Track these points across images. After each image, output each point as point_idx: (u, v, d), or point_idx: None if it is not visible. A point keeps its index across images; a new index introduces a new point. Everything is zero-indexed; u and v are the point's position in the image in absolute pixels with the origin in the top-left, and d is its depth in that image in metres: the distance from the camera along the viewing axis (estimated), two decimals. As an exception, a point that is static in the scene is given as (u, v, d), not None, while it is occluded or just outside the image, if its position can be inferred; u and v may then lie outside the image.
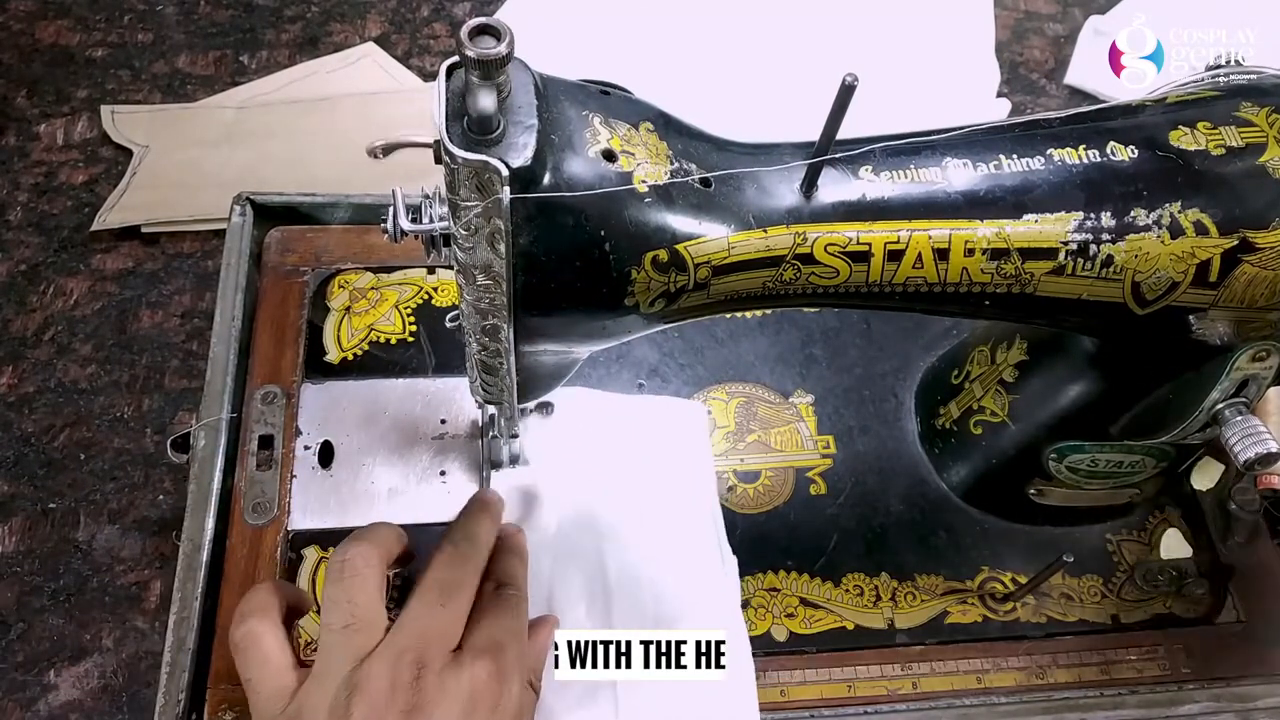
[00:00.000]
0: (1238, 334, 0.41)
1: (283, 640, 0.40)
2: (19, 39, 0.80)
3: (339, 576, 0.39)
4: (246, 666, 0.39)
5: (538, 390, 0.46)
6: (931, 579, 0.53)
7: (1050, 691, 0.51)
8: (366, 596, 0.39)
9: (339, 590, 0.39)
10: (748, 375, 0.60)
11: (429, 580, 0.40)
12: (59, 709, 0.54)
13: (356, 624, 0.38)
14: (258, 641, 0.39)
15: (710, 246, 0.36)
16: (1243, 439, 0.42)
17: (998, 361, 0.53)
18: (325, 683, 0.37)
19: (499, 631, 0.40)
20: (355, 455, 0.54)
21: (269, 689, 0.38)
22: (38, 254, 0.69)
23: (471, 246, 0.33)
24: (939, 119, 0.39)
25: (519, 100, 0.32)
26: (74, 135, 0.75)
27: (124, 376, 0.65)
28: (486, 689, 0.37)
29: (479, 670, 0.37)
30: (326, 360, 0.56)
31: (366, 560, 0.40)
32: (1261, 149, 0.38)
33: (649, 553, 0.52)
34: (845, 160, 0.37)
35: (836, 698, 0.50)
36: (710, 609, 0.50)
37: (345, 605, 0.38)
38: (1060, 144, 0.38)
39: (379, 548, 0.41)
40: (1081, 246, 0.38)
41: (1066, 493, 0.53)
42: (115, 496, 0.60)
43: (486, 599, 0.42)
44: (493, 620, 0.40)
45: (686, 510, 0.54)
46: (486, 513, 0.46)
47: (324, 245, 0.60)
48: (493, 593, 0.42)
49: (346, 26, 0.85)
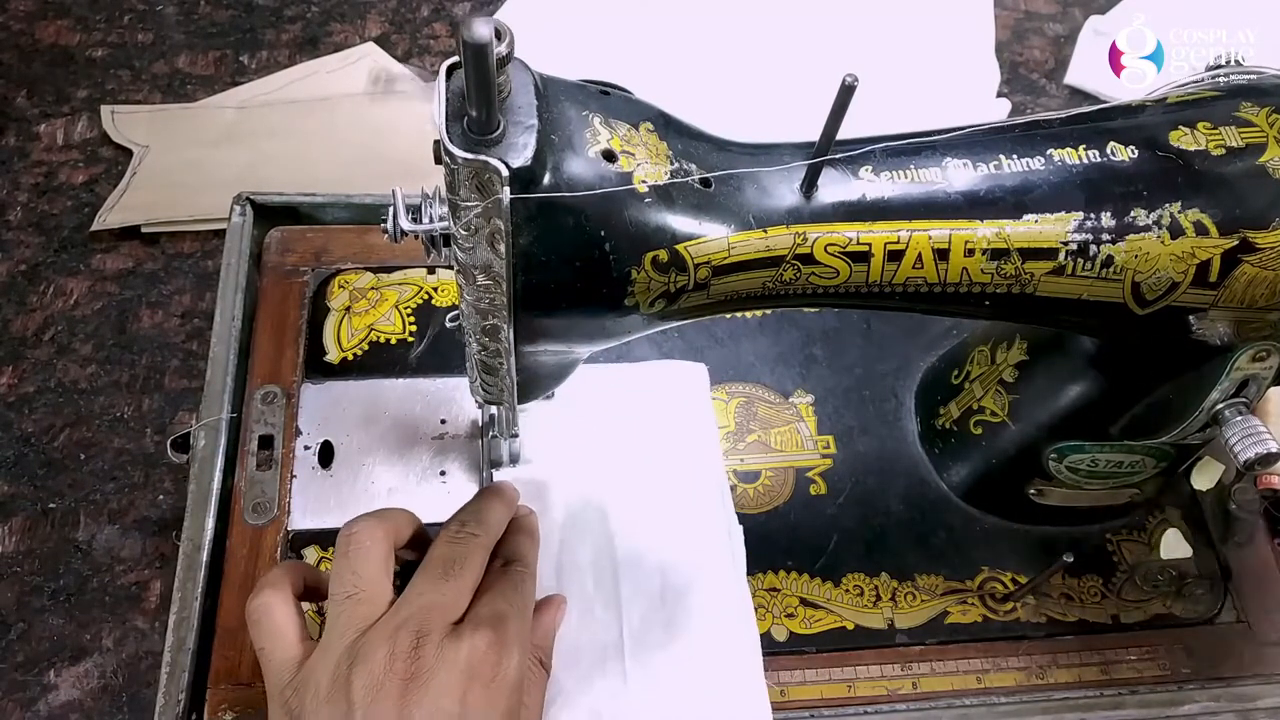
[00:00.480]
0: (1238, 334, 0.41)
1: (294, 613, 0.40)
2: (19, 39, 0.80)
3: (345, 550, 0.40)
4: (259, 637, 0.40)
5: (538, 390, 0.46)
6: (931, 579, 0.53)
7: (1050, 691, 0.51)
8: (370, 569, 0.39)
9: (344, 563, 0.40)
10: (748, 375, 0.60)
11: (434, 555, 0.41)
12: (59, 709, 0.54)
13: (360, 595, 0.38)
14: (270, 613, 0.40)
15: (710, 247, 0.36)
16: (1243, 439, 0.42)
17: (998, 361, 0.53)
18: (329, 653, 0.37)
19: (501, 604, 0.40)
20: (355, 455, 0.54)
21: (279, 659, 0.39)
22: (38, 254, 0.69)
23: (471, 246, 0.33)
24: (939, 119, 0.39)
25: (519, 100, 0.32)
26: (74, 135, 0.75)
27: (124, 376, 0.65)
28: (485, 659, 0.37)
29: (478, 640, 0.38)
30: (326, 360, 0.56)
31: (372, 534, 0.40)
32: (1261, 149, 0.38)
33: (655, 524, 0.52)
34: (845, 160, 0.37)
35: (836, 698, 0.50)
36: (717, 579, 0.50)
37: (349, 576, 0.39)
38: (1060, 144, 0.38)
39: (386, 523, 0.42)
40: (1081, 247, 0.38)
41: (1066, 493, 0.53)
42: (115, 496, 0.60)
43: (493, 575, 0.42)
44: (496, 594, 0.41)
45: (692, 479, 0.54)
46: (500, 498, 0.46)
47: (324, 245, 0.60)
48: (500, 569, 0.43)
49: (346, 26, 0.85)
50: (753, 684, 0.48)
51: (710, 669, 0.48)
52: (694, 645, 0.49)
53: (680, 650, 0.48)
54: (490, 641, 0.38)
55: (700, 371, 0.58)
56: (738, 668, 0.48)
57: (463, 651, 0.37)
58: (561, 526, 0.52)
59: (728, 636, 0.49)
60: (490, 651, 0.38)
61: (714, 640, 0.49)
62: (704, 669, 0.48)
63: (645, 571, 0.50)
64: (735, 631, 0.49)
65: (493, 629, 0.38)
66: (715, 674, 0.48)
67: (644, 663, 0.48)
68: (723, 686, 0.48)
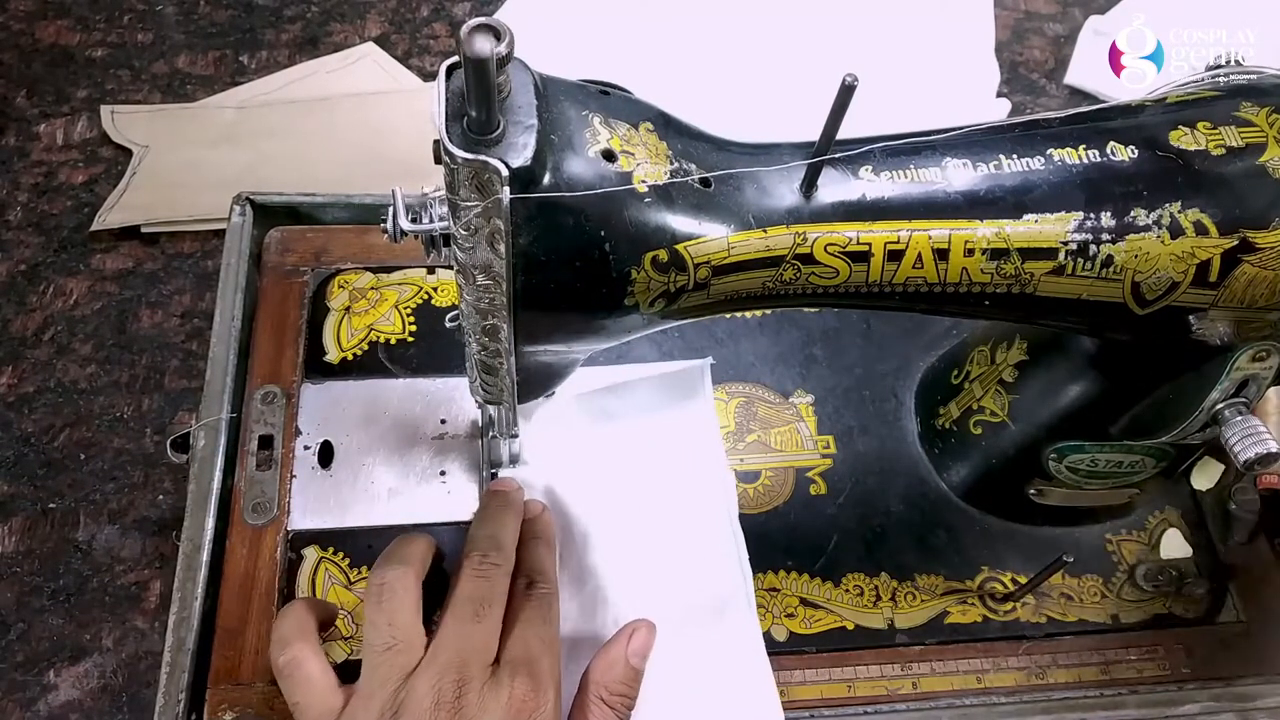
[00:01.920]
0: (1238, 334, 0.41)
1: (325, 663, 0.42)
2: (19, 39, 0.80)
3: (378, 599, 0.41)
4: (293, 691, 0.41)
5: (537, 390, 0.46)
6: (931, 579, 0.53)
7: (1050, 691, 0.51)
8: (405, 617, 0.41)
9: (379, 613, 0.41)
10: (747, 375, 0.60)
11: (463, 595, 0.42)
12: (59, 709, 0.54)
13: (398, 644, 0.40)
14: (301, 665, 0.41)
15: (710, 246, 0.36)
16: (1243, 439, 0.42)
17: (997, 361, 0.53)
18: (371, 702, 0.38)
19: (534, 642, 0.41)
20: (355, 455, 0.54)
21: (316, 711, 0.40)
22: (37, 254, 0.69)
23: (471, 247, 0.33)
24: (939, 119, 0.39)
25: (519, 100, 0.32)
26: (74, 135, 0.75)
27: (124, 376, 0.65)
28: (524, 704, 0.39)
29: (518, 686, 0.39)
30: (326, 360, 0.56)
31: (404, 582, 0.42)
32: (1261, 149, 0.38)
33: (659, 523, 0.52)
34: (845, 160, 0.37)
35: (836, 698, 0.50)
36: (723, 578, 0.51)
37: (386, 628, 0.40)
38: (1060, 144, 0.38)
39: (414, 566, 0.43)
40: (1081, 246, 0.38)
41: (1066, 493, 0.53)
42: (115, 496, 0.60)
43: (519, 601, 0.43)
44: (527, 628, 0.42)
45: (696, 477, 0.54)
46: (508, 509, 0.47)
47: (324, 245, 0.60)
48: (524, 592, 0.44)
49: (346, 26, 0.85)
50: (762, 683, 0.48)
51: (719, 668, 0.48)
52: (702, 645, 0.49)
53: (687, 650, 0.48)
54: (529, 686, 0.39)
55: (704, 367, 0.57)
56: (747, 667, 0.48)
57: (503, 697, 0.39)
58: (563, 526, 0.52)
59: (736, 636, 0.49)
60: (529, 694, 0.39)
61: (722, 639, 0.49)
62: (713, 668, 0.48)
63: (649, 571, 0.50)
64: (742, 631, 0.49)
65: (529, 672, 0.40)
66: (725, 673, 0.48)
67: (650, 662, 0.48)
68: (732, 685, 0.48)
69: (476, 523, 0.47)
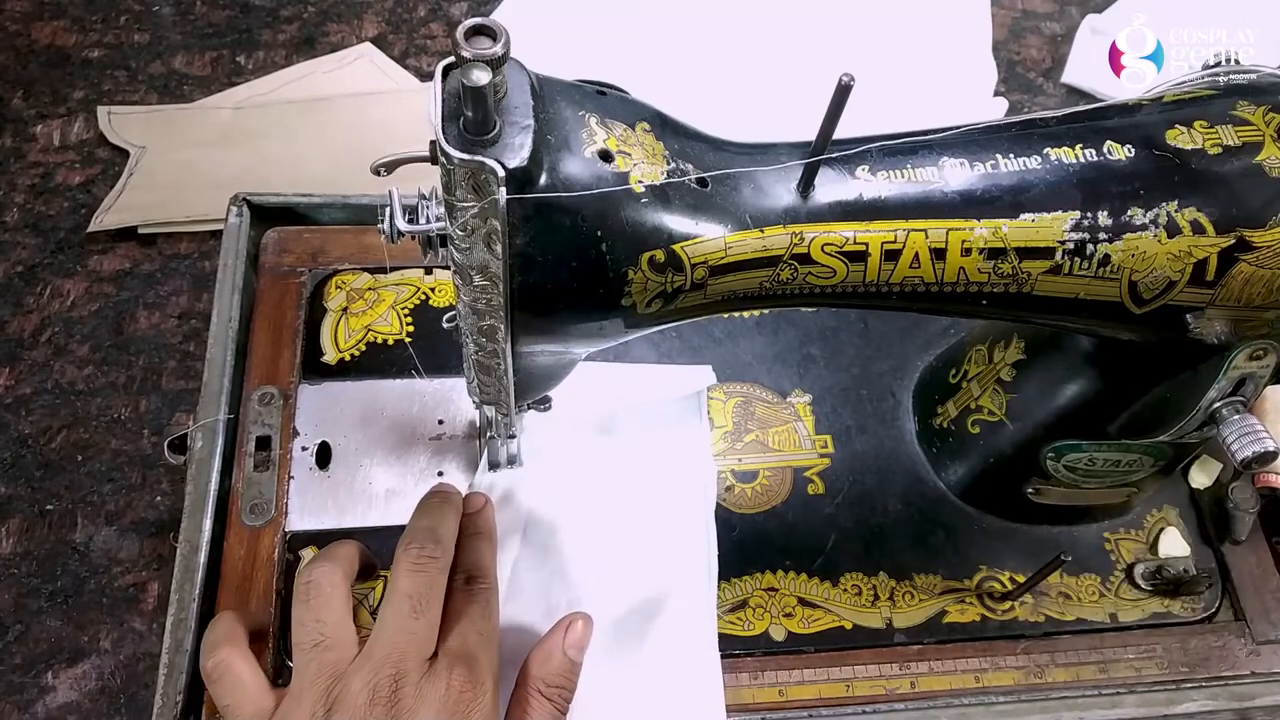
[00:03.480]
0: (1235, 333, 0.41)
1: (254, 665, 0.41)
2: (15, 40, 0.80)
3: (305, 597, 0.41)
4: (223, 694, 0.40)
5: (534, 390, 0.46)
6: (929, 578, 0.53)
7: (1048, 690, 0.51)
8: (334, 614, 0.40)
9: (306, 611, 0.40)
10: (745, 375, 0.59)
11: (398, 588, 0.41)
12: (57, 711, 0.53)
13: (327, 641, 0.39)
14: (230, 668, 0.40)
15: (707, 247, 0.36)
16: (1240, 438, 0.42)
17: (995, 361, 0.53)
18: (304, 700, 0.38)
19: (472, 635, 0.41)
20: (353, 456, 0.54)
21: (248, 712, 0.39)
22: (34, 255, 0.69)
23: (468, 247, 0.33)
24: (936, 118, 0.39)
25: (515, 100, 0.32)
26: (70, 136, 0.75)
27: (121, 378, 0.65)
28: (462, 696, 0.38)
29: (455, 679, 0.38)
30: (324, 361, 0.56)
31: (330, 579, 0.41)
32: (1258, 148, 0.38)
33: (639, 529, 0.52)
34: (842, 160, 0.37)
35: (834, 697, 0.50)
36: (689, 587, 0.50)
37: (314, 625, 0.40)
38: (1057, 143, 0.38)
39: (341, 565, 0.42)
40: (1078, 246, 0.38)
41: (1064, 492, 0.53)
42: (113, 498, 0.60)
43: (457, 596, 0.43)
44: (466, 623, 0.41)
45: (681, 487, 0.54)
46: (447, 504, 0.46)
47: (321, 246, 0.60)
48: (463, 588, 0.43)
49: (343, 27, 0.85)
50: (709, 684, 0.48)
51: (670, 672, 0.48)
52: (658, 649, 0.49)
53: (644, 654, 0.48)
54: (466, 678, 0.39)
55: (704, 374, 0.57)
56: (697, 672, 0.48)
57: (440, 689, 0.38)
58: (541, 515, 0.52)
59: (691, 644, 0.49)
60: (467, 688, 0.38)
61: (677, 646, 0.49)
62: (664, 671, 0.48)
63: (615, 560, 0.51)
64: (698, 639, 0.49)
65: (467, 665, 0.39)
66: (674, 677, 0.48)
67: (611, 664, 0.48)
68: (678, 682, 0.48)
69: (414, 516, 0.46)
